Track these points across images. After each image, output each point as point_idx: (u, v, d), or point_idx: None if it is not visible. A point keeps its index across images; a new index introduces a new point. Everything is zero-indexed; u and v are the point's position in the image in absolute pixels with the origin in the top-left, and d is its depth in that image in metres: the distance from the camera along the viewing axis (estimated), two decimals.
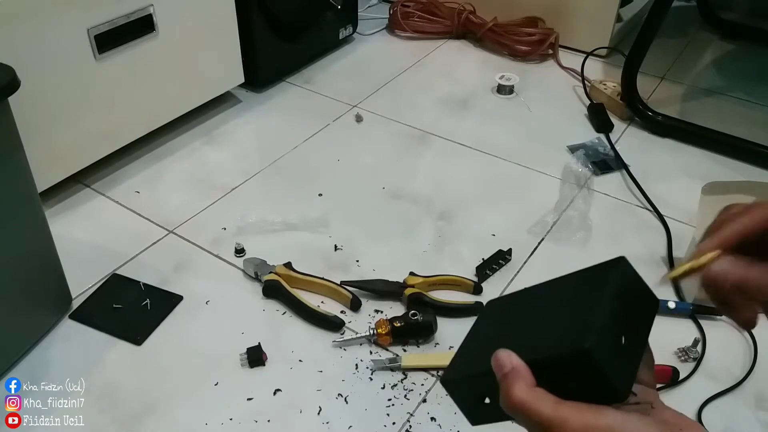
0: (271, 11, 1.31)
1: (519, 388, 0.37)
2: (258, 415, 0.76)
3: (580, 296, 0.42)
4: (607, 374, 0.36)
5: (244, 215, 1.03)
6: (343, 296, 0.90)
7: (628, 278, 0.42)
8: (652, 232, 1.04)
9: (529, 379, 0.37)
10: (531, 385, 0.37)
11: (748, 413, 0.77)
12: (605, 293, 0.40)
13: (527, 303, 0.47)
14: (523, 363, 0.38)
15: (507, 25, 1.54)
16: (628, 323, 0.39)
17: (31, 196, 0.79)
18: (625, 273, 0.42)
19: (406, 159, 1.21)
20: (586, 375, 0.36)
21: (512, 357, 0.38)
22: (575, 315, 0.40)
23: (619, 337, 0.38)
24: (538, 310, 0.45)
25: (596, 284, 0.42)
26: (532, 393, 0.37)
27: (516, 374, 0.37)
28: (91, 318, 0.87)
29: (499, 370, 0.38)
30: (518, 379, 0.37)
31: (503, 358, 0.38)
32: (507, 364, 0.38)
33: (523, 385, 0.37)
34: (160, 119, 1.19)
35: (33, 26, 0.91)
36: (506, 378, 0.38)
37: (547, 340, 0.40)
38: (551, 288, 0.46)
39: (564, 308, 0.43)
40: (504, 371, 0.38)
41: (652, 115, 1.27)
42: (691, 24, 1.71)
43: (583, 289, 0.43)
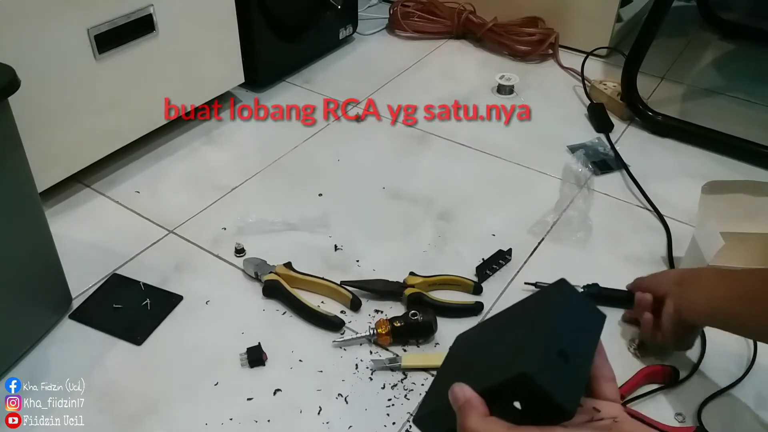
0: (271, 11, 1.31)
1: (472, 419, 0.39)
2: (258, 415, 0.76)
3: (525, 323, 0.45)
4: (549, 393, 0.38)
5: (244, 215, 1.03)
6: (343, 296, 0.90)
7: (570, 299, 0.44)
8: (652, 232, 1.04)
9: (481, 408, 0.39)
10: (483, 414, 0.39)
11: (748, 413, 0.77)
12: (545, 317, 0.43)
13: (485, 334, 0.50)
14: (475, 394, 0.40)
15: (507, 25, 1.54)
16: (572, 342, 0.41)
17: (31, 196, 0.79)
18: (567, 294, 0.45)
19: (406, 159, 1.21)
20: (531, 397, 0.39)
21: (464, 389, 0.40)
22: (518, 342, 0.43)
23: (563, 357, 0.40)
24: (490, 341, 0.47)
25: (539, 309, 0.45)
26: (484, 422, 0.39)
27: (469, 406, 0.39)
28: (91, 318, 0.87)
29: (454, 404, 0.40)
30: (471, 411, 0.39)
31: (457, 391, 0.41)
32: (460, 397, 0.40)
33: (475, 416, 0.39)
34: (160, 119, 1.19)
35: (33, 26, 0.91)
36: (460, 410, 0.40)
37: (495, 369, 0.42)
38: (506, 317, 0.49)
39: (510, 336, 0.45)
40: (458, 404, 0.40)
41: (652, 115, 1.27)
42: (691, 24, 1.71)
43: (528, 315, 0.45)
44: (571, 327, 0.43)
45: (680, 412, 0.77)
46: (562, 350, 0.40)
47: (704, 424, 0.75)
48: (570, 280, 0.47)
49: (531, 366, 0.38)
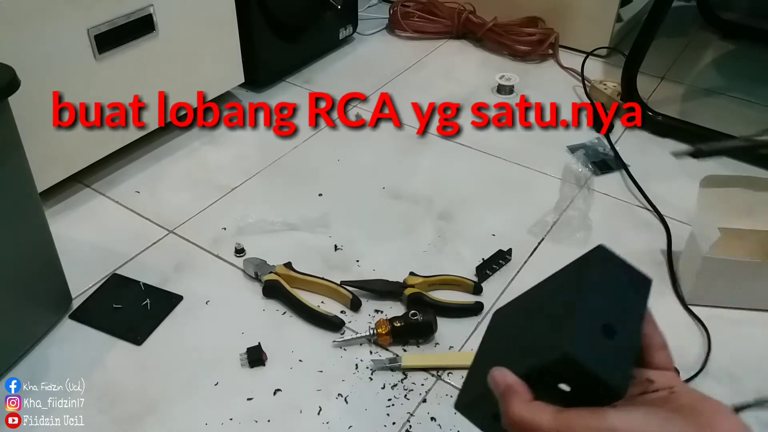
0: (271, 11, 1.31)
1: (515, 405, 0.36)
2: (258, 415, 0.76)
3: (564, 296, 0.41)
4: (596, 373, 0.35)
5: (244, 215, 1.03)
6: (343, 296, 0.90)
7: (610, 265, 0.41)
8: (652, 231, 1.04)
9: (524, 394, 0.37)
10: (527, 400, 0.37)
11: (747, 413, 0.77)
12: (584, 289, 0.39)
13: (522, 310, 0.46)
14: (516, 379, 0.37)
15: (507, 25, 1.54)
16: (617, 313, 0.38)
17: (31, 196, 0.79)
18: (607, 260, 0.41)
19: (406, 159, 1.21)
20: (576, 378, 0.36)
21: (505, 374, 0.38)
22: (557, 318, 0.39)
23: (608, 331, 0.37)
24: (529, 317, 0.44)
25: (578, 280, 0.41)
26: (528, 408, 0.36)
27: (510, 391, 0.37)
28: (91, 318, 0.87)
29: (495, 390, 0.38)
30: (513, 396, 0.37)
31: (497, 376, 0.38)
32: (501, 382, 0.38)
33: (519, 402, 0.36)
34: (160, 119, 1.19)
35: (33, 26, 0.91)
36: (502, 397, 0.37)
37: (535, 349, 0.39)
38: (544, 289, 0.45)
39: (549, 311, 0.41)
40: (499, 390, 0.38)
41: (652, 115, 1.27)
42: (691, 24, 1.71)
43: (566, 287, 0.42)
44: (614, 296, 0.39)
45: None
46: (607, 323, 0.37)
47: None
48: None
49: (573, 346, 0.35)
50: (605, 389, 0.36)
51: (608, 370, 0.36)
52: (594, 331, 0.37)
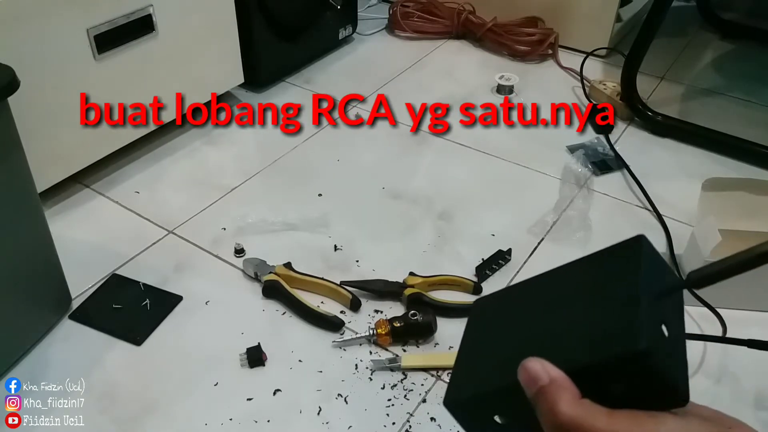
0: (271, 11, 1.31)
1: (566, 403, 0.32)
2: (258, 415, 0.76)
3: (605, 286, 0.36)
4: (666, 376, 0.31)
5: (243, 215, 1.03)
6: (343, 296, 0.90)
7: (652, 261, 0.36)
8: (652, 231, 1.04)
9: (574, 390, 0.32)
10: (578, 397, 0.32)
11: (748, 413, 0.77)
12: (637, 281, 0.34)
13: (533, 299, 0.40)
14: (562, 373, 0.32)
15: (507, 25, 1.54)
16: (665, 313, 0.34)
17: (31, 196, 0.79)
18: (649, 255, 0.36)
19: (406, 159, 1.21)
20: (642, 379, 0.31)
21: (548, 367, 0.33)
22: (609, 310, 0.34)
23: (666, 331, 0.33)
24: (553, 307, 0.38)
25: (622, 270, 0.35)
26: (582, 407, 0.32)
27: (558, 387, 0.32)
28: (91, 318, 0.87)
29: (532, 385, 0.33)
30: (563, 393, 0.32)
31: (536, 369, 0.33)
32: (543, 376, 0.33)
33: (571, 399, 0.32)
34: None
35: (33, 26, 0.91)
36: (546, 393, 0.32)
37: (583, 343, 0.34)
38: (559, 279, 0.40)
39: (590, 302, 0.36)
40: (541, 384, 0.32)
41: (651, 115, 1.27)
42: (691, 24, 1.71)
43: (605, 277, 0.36)
44: (660, 295, 0.34)
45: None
46: (664, 322, 0.33)
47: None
48: None
49: (646, 342, 0.30)
50: (671, 394, 0.32)
51: (674, 372, 0.32)
52: (657, 329, 0.32)
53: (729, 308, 0.89)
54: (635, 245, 0.36)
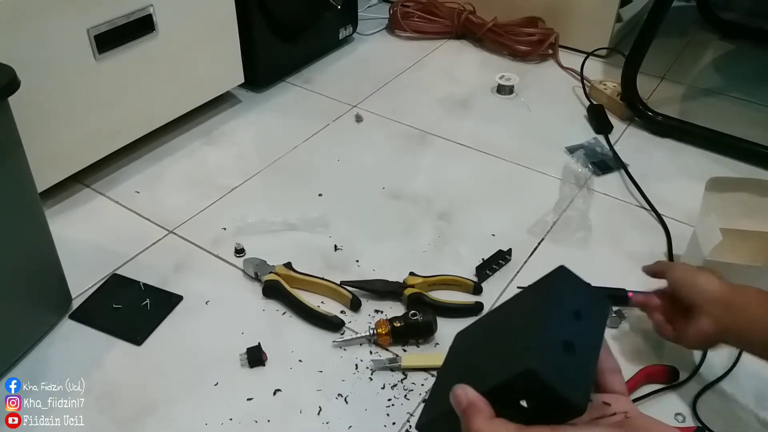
0: (271, 11, 1.31)
1: (477, 422, 0.37)
2: (258, 415, 0.76)
3: (526, 315, 0.42)
4: (557, 389, 0.35)
5: (244, 215, 1.03)
6: (343, 296, 0.90)
7: (571, 286, 0.41)
8: (652, 231, 1.04)
9: (486, 411, 0.37)
10: (489, 416, 0.37)
11: (747, 413, 0.77)
12: (546, 307, 0.40)
13: (485, 329, 0.47)
14: (478, 396, 0.38)
15: (507, 25, 1.54)
16: (577, 332, 0.39)
17: (31, 196, 0.79)
18: (568, 281, 0.42)
19: (406, 159, 1.21)
20: (538, 394, 0.36)
21: (467, 391, 0.38)
22: (519, 337, 0.40)
23: (569, 349, 0.37)
24: (491, 337, 0.45)
25: (539, 300, 0.42)
26: (490, 425, 0.37)
27: (473, 409, 0.37)
28: (91, 318, 0.87)
29: (457, 407, 0.38)
30: (475, 414, 0.37)
31: (459, 393, 0.38)
32: (463, 399, 0.38)
33: (481, 419, 0.37)
34: (160, 119, 1.19)
35: (33, 26, 0.91)
36: (464, 414, 0.37)
37: (497, 367, 0.39)
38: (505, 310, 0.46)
39: (511, 330, 0.42)
40: (461, 407, 0.38)
41: (652, 115, 1.27)
42: (691, 24, 1.71)
43: (528, 307, 0.43)
44: (574, 316, 0.40)
45: (680, 412, 0.77)
46: (568, 342, 0.38)
47: (705, 424, 0.75)
48: None
49: (535, 361, 0.36)
50: (566, 405, 0.36)
51: (569, 387, 0.36)
52: (556, 348, 0.37)
53: None
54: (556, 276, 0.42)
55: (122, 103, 1.09)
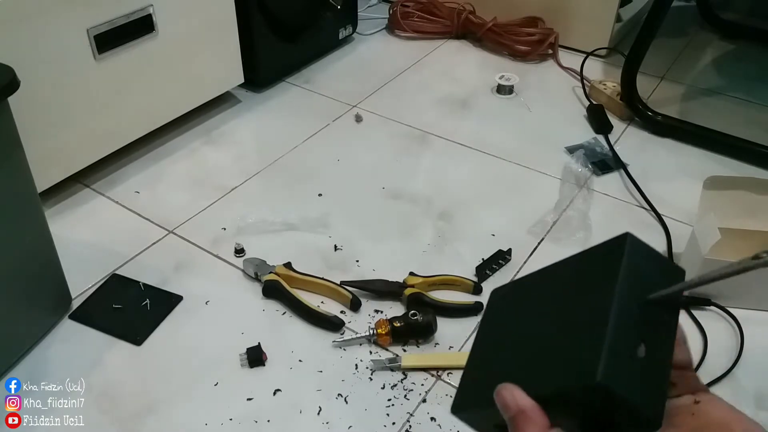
0: (271, 11, 1.31)
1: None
2: (258, 415, 0.76)
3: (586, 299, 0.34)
4: (634, 404, 0.30)
5: (243, 215, 1.03)
6: (343, 296, 0.90)
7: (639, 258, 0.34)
8: (652, 231, 1.04)
9: (540, 422, 0.31)
10: (544, 428, 0.31)
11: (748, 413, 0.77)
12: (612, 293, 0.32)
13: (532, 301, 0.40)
14: (531, 402, 0.32)
15: (507, 25, 1.54)
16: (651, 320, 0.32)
17: (31, 196, 0.79)
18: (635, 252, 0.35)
19: (406, 159, 1.21)
20: (607, 407, 0.31)
21: (516, 396, 0.32)
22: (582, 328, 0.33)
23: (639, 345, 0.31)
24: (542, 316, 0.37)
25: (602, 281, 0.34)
26: None
27: (525, 419, 0.32)
28: (91, 318, 0.87)
29: (505, 412, 0.33)
30: (528, 425, 0.31)
31: (506, 397, 0.33)
32: (512, 405, 0.32)
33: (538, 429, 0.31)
34: (159, 119, 1.19)
35: (33, 26, 0.91)
36: (514, 422, 0.32)
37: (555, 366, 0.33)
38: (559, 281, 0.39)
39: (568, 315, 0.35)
40: (510, 414, 0.32)
41: (651, 115, 1.27)
42: (691, 24, 1.71)
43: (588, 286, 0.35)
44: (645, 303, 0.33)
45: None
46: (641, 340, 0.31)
47: None
48: None
49: (608, 371, 0.29)
50: (641, 419, 0.31)
51: (645, 397, 0.31)
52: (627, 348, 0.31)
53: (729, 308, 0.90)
54: (618, 246, 0.35)
55: (122, 103, 1.09)
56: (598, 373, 0.29)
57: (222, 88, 1.31)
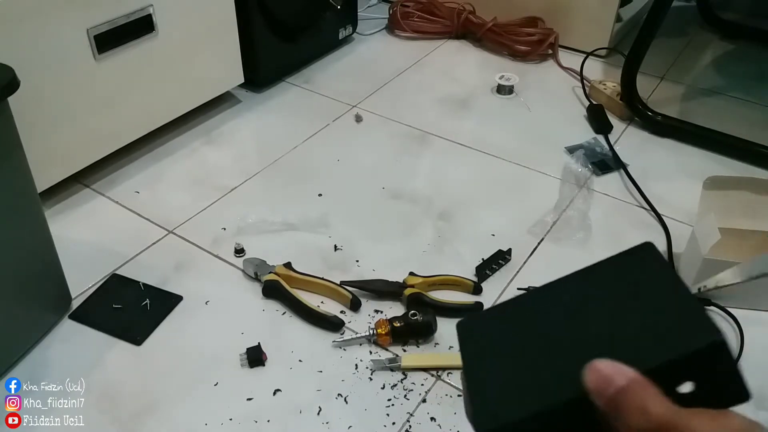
0: (271, 11, 1.31)
1: (658, 402, 0.29)
2: (258, 415, 0.76)
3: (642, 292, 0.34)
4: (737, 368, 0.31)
5: (243, 215, 1.03)
6: (343, 296, 0.90)
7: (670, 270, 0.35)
8: (652, 231, 1.04)
9: (656, 388, 0.29)
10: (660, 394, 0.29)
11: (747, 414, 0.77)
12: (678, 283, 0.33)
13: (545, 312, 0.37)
14: (638, 373, 0.29)
15: (507, 25, 1.54)
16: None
17: (31, 196, 0.79)
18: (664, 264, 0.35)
19: (406, 159, 1.21)
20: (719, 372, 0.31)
21: (621, 367, 0.29)
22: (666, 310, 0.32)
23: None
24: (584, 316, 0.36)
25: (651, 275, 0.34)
26: (671, 404, 0.29)
27: (644, 386, 0.29)
28: (91, 318, 0.87)
29: (605, 387, 0.29)
30: (651, 392, 0.29)
31: (609, 371, 0.29)
32: (619, 377, 0.29)
33: (662, 398, 0.29)
34: (160, 119, 1.19)
35: (33, 26, 0.91)
36: (630, 393, 0.29)
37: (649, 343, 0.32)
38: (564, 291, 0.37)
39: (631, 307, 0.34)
40: (618, 385, 0.29)
41: (651, 115, 1.27)
42: (691, 24, 1.71)
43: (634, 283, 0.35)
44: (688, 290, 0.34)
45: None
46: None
47: None
48: None
49: (721, 334, 0.29)
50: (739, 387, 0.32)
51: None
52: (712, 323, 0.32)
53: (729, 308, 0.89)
54: (649, 250, 0.36)
55: (122, 103, 1.09)
56: (717, 334, 0.30)
57: (222, 88, 1.31)
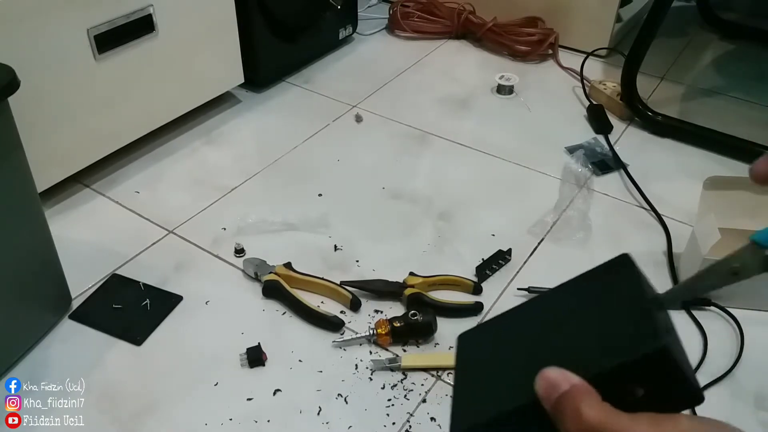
0: (271, 11, 1.31)
1: (591, 406, 0.31)
2: (258, 415, 0.76)
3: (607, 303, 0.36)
4: (685, 373, 0.31)
5: (244, 215, 1.03)
6: (342, 296, 0.90)
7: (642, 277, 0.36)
8: (652, 231, 1.04)
9: (597, 394, 0.31)
10: (600, 400, 0.31)
11: (747, 413, 0.77)
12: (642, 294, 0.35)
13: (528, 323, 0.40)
14: (582, 379, 0.32)
15: (507, 25, 1.54)
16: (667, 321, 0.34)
17: (31, 196, 0.79)
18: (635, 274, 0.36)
19: (406, 159, 1.21)
20: (664, 377, 0.32)
21: (567, 374, 0.32)
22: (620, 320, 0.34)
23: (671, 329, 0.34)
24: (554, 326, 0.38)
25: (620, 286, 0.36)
26: (606, 410, 0.31)
27: (581, 391, 0.31)
28: (91, 318, 0.87)
29: (551, 393, 0.32)
30: (586, 396, 0.31)
31: (555, 377, 0.32)
32: (563, 383, 0.32)
33: (595, 402, 0.31)
34: (160, 119, 1.19)
35: (33, 26, 0.91)
36: (569, 397, 0.31)
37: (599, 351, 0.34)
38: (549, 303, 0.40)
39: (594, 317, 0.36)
40: (562, 390, 0.31)
41: (651, 115, 1.27)
42: (691, 24, 1.71)
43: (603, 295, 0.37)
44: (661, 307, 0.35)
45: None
46: (669, 328, 0.33)
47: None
48: None
49: (665, 340, 0.31)
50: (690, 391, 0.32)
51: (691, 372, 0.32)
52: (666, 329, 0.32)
53: (729, 307, 0.90)
54: (625, 263, 0.37)
55: (122, 103, 1.09)
56: (660, 340, 0.31)
57: (222, 88, 1.31)
